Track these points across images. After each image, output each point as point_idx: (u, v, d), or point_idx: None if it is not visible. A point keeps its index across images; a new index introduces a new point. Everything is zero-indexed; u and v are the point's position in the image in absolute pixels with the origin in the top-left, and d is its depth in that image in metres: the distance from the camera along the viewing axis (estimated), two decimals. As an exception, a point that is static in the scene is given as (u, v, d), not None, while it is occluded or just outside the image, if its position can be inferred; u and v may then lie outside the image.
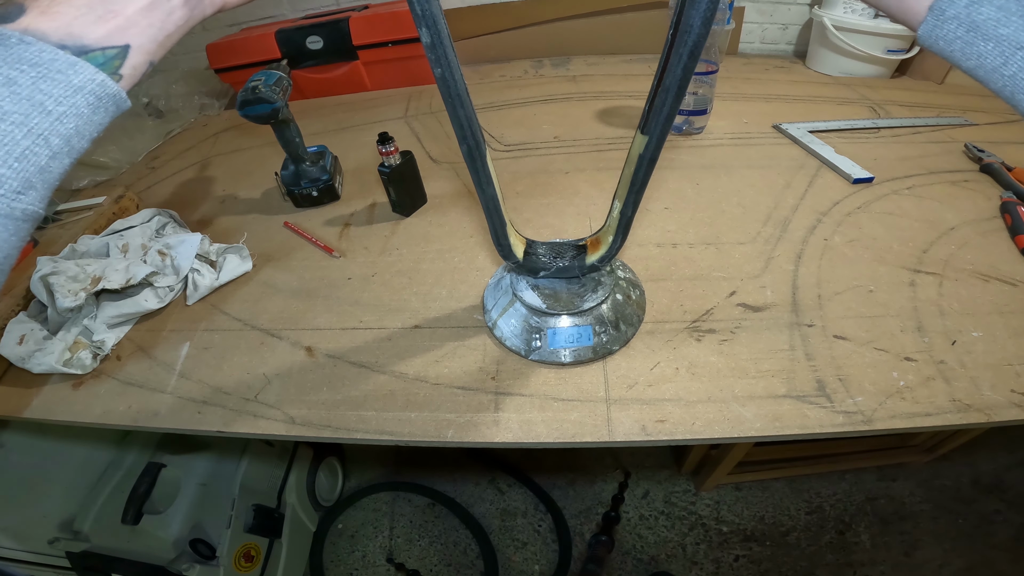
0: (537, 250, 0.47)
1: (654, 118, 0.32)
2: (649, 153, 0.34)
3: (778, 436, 0.40)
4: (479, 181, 0.36)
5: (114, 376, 0.52)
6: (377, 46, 1.04)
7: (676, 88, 0.30)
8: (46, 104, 0.21)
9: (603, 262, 0.45)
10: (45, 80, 0.21)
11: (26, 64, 0.21)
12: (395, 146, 0.61)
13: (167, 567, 0.77)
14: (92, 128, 0.24)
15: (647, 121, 0.34)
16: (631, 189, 0.37)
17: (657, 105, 0.32)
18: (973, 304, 0.48)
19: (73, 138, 0.23)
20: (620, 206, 0.40)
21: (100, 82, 0.23)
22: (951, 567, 1.00)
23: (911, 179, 0.66)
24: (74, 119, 0.22)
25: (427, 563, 1.09)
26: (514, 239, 0.44)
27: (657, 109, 0.32)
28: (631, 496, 1.15)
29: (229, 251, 0.63)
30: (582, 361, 0.46)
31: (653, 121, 0.32)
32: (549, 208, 0.67)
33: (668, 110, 0.31)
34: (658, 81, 0.32)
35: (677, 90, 0.30)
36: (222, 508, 0.88)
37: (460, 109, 0.32)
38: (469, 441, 0.42)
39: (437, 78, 0.31)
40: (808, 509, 1.10)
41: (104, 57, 0.23)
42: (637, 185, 0.36)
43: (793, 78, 1.01)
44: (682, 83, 0.30)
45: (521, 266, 0.46)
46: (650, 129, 0.33)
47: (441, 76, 0.30)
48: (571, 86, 1.03)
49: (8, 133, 0.20)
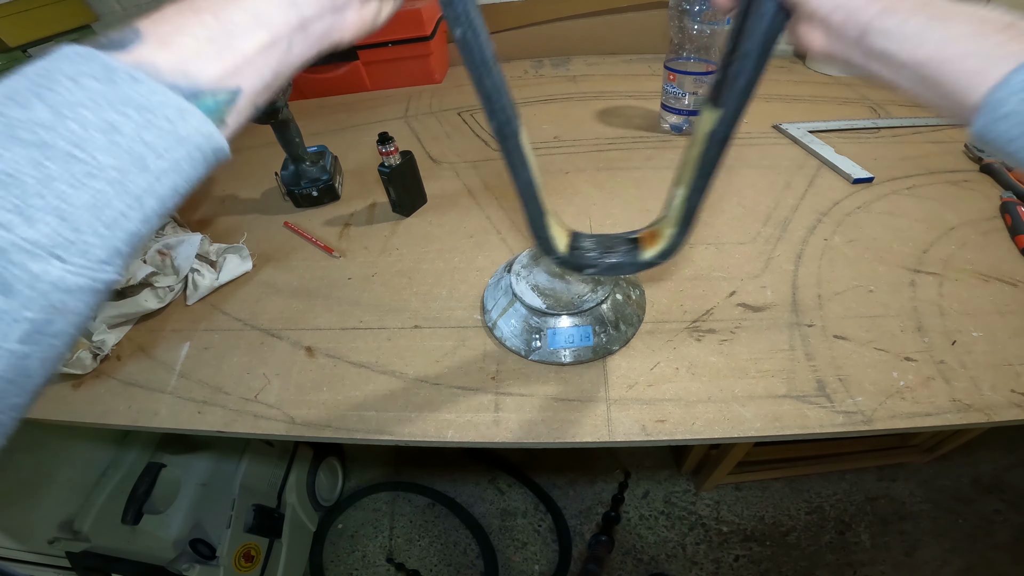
0: (583, 243, 0.40)
1: (728, 87, 0.27)
2: (723, 131, 0.29)
3: (778, 436, 0.40)
4: (512, 163, 0.32)
5: (114, 376, 0.52)
6: (377, 46, 1.04)
7: (761, 43, 0.25)
8: (147, 159, 0.18)
9: (663, 258, 0.38)
10: (150, 129, 0.18)
11: (132, 107, 0.18)
12: (395, 146, 0.61)
13: (167, 567, 0.77)
14: (188, 186, 0.21)
15: (719, 92, 0.29)
16: (700, 173, 0.31)
17: (733, 72, 0.26)
18: (973, 304, 0.48)
19: (168, 199, 0.20)
20: (685, 193, 0.33)
21: (208, 134, 0.20)
22: (951, 567, 1.00)
23: (911, 179, 0.66)
24: (173, 176, 0.19)
25: (427, 563, 1.09)
26: (556, 231, 0.38)
27: (733, 76, 0.26)
28: (631, 496, 1.15)
29: (229, 251, 0.63)
30: (582, 361, 0.46)
31: (728, 92, 0.27)
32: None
33: (749, 77, 0.26)
34: (734, 45, 0.27)
35: (762, 47, 0.25)
36: (222, 508, 0.88)
37: (487, 79, 0.27)
38: (469, 441, 0.42)
39: (457, 40, 0.25)
40: (808, 509, 1.10)
41: (215, 102, 0.20)
42: (707, 168, 0.31)
43: (793, 78, 1.01)
44: (769, 34, 0.25)
45: (565, 262, 0.39)
46: (724, 101, 0.28)
47: (462, 37, 0.25)
48: (571, 86, 1.03)
49: (102, 193, 0.17)
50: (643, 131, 0.84)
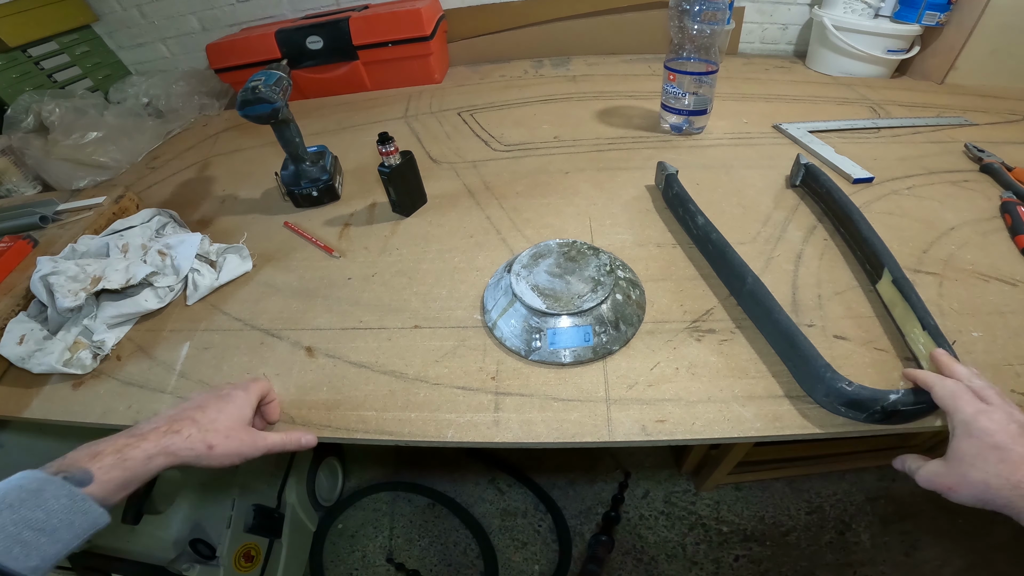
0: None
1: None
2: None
3: (778, 436, 0.40)
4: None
5: (114, 376, 0.52)
6: (377, 46, 1.04)
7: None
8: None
9: None
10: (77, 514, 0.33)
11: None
12: (395, 146, 0.61)
13: (167, 567, 0.77)
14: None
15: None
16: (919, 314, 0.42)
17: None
18: (973, 304, 0.48)
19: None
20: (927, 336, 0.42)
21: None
22: (951, 567, 1.00)
23: (911, 179, 0.66)
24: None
25: (427, 563, 1.09)
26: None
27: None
28: (631, 496, 1.15)
29: (229, 251, 0.63)
30: (582, 361, 0.46)
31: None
32: (549, 208, 0.67)
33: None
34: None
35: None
36: (222, 508, 0.88)
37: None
38: (469, 441, 0.42)
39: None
40: (808, 509, 1.10)
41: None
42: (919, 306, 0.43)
43: (793, 78, 1.01)
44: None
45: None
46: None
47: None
48: (571, 86, 1.03)
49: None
50: (643, 131, 0.84)
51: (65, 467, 0.33)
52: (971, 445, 0.33)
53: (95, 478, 0.33)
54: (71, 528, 0.32)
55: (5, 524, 0.30)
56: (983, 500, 0.33)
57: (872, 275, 0.50)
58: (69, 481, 0.32)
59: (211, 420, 0.39)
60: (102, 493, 0.33)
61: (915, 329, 0.43)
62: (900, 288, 0.45)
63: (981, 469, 0.32)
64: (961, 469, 0.34)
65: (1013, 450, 0.32)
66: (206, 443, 0.37)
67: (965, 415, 0.34)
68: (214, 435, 0.38)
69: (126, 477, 0.34)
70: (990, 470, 0.32)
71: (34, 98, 0.98)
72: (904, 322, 0.44)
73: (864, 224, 0.52)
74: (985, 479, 0.32)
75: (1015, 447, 0.32)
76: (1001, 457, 0.32)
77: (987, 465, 0.32)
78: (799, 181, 0.65)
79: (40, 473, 0.32)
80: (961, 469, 0.34)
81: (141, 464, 0.35)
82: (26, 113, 0.97)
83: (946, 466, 0.35)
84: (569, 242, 0.54)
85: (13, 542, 0.29)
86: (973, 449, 0.33)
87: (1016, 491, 0.31)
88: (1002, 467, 0.31)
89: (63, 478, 0.32)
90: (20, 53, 1.04)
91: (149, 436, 0.36)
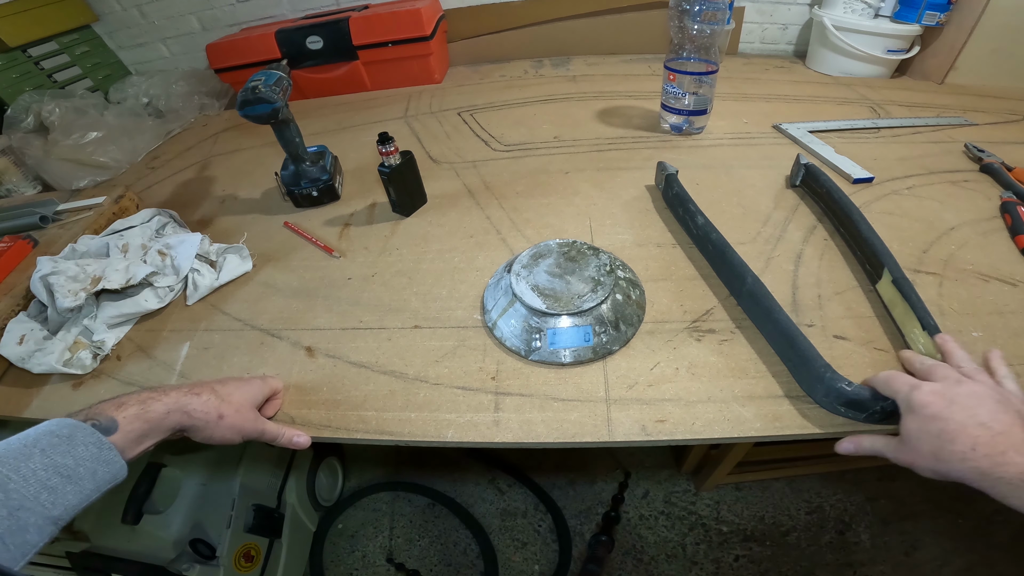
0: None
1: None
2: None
3: (778, 436, 0.40)
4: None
5: (114, 376, 0.52)
6: (377, 46, 1.04)
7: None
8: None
9: None
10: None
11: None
12: (395, 146, 0.61)
13: (167, 567, 0.77)
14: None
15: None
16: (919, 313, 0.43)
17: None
18: (973, 304, 0.48)
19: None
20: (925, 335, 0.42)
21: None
22: (951, 567, 1.00)
23: (911, 179, 0.66)
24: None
25: (427, 563, 1.09)
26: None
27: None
28: (631, 496, 1.15)
29: (229, 251, 0.63)
30: (582, 361, 0.46)
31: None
32: (549, 208, 0.67)
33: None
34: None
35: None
36: (222, 508, 0.88)
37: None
38: (469, 441, 0.42)
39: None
40: (808, 509, 1.10)
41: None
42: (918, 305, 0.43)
43: (793, 78, 1.01)
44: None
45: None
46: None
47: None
48: (571, 86, 1.03)
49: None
50: (643, 131, 0.84)
51: (93, 415, 0.35)
52: (913, 420, 0.34)
53: (120, 427, 0.35)
54: (93, 478, 0.32)
55: (36, 469, 0.30)
56: (941, 473, 0.33)
57: (872, 275, 0.50)
58: (97, 429, 0.33)
59: (228, 392, 0.41)
60: (123, 443, 0.35)
61: (915, 329, 0.43)
62: (900, 288, 0.45)
63: (928, 443, 0.33)
64: (913, 445, 0.34)
65: (949, 419, 0.32)
66: (218, 412, 0.40)
67: (902, 394, 0.35)
68: (227, 406, 0.40)
69: (145, 429, 0.36)
70: (934, 443, 0.32)
71: (34, 98, 0.98)
72: (904, 322, 0.44)
73: (864, 224, 0.52)
74: (933, 452, 0.32)
75: (951, 416, 0.32)
76: (941, 428, 0.32)
77: (931, 438, 0.33)
78: (799, 181, 0.65)
79: (70, 420, 0.34)
80: (913, 445, 0.34)
81: (160, 418, 0.37)
82: (26, 113, 0.97)
83: (900, 443, 0.36)
84: (569, 242, 0.54)
85: (42, 488, 0.30)
86: (916, 424, 0.34)
87: (964, 463, 0.31)
88: (944, 439, 0.32)
89: (92, 425, 0.34)
90: (20, 53, 1.04)
91: (170, 392, 0.39)
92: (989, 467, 0.30)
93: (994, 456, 0.30)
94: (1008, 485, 0.29)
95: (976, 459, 0.30)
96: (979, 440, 0.30)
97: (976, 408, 0.32)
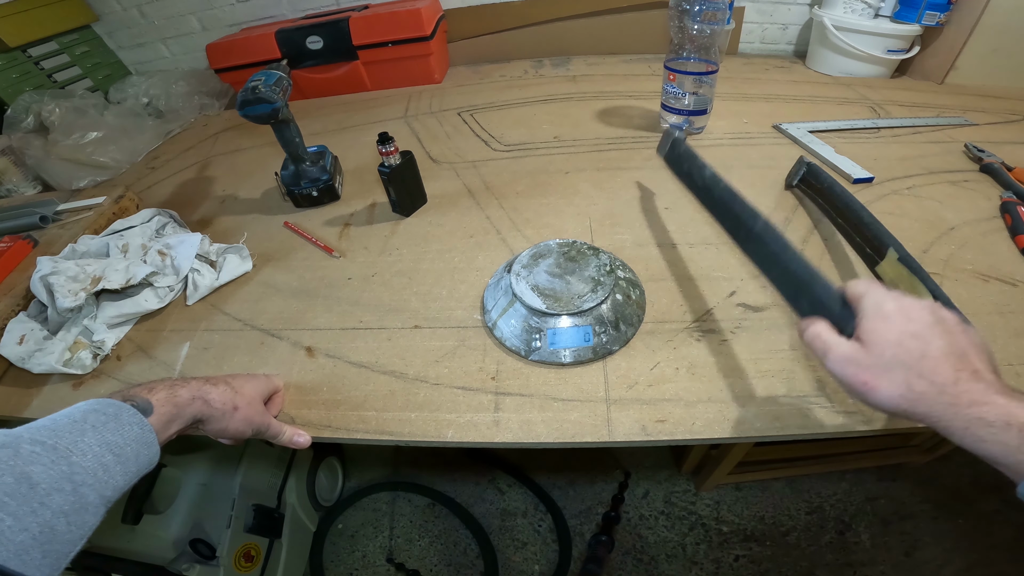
0: None
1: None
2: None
3: (778, 436, 0.40)
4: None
5: (114, 376, 0.52)
6: (377, 46, 1.04)
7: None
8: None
9: None
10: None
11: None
12: (395, 146, 0.61)
13: (167, 567, 0.77)
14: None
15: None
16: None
17: None
18: (973, 304, 0.48)
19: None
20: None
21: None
22: (951, 567, 1.00)
23: (911, 179, 0.66)
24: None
25: (427, 563, 1.09)
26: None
27: None
28: (631, 496, 1.15)
29: (229, 251, 0.63)
30: (582, 361, 0.46)
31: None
32: (549, 208, 0.67)
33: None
34: None
35: None
36: (222, 508, 0.88)
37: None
38: (469, 441, 0.42)
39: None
40: (808, 509, 1.10)
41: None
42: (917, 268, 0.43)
43: (793, 78, 1.01)
44: None
45: None
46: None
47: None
48: (571, 86, 1.03)
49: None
50: (643, 131, 0.84)
51: (129, 396, 0.35)
52: (888, 329, 0.27)
53: (155, 409, 0.35)
54: (136, 460, 0.32)
55: (92, 445, 0.29)
56: (901, 407, 0.27)
57: (872, 259, 0.49)
58: (137, 409, 0.33)
59: (240, 385, 0.42)
60: (157, 426, 0.34)
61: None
62: (908, 264, 0.45)
63: (903, 363, 0.26)
64: (879, 360, 0.27)
65: (932, 343, 0.26)
66: (233, 403, 0.40)
67: (878, 295, 0.29)
68: (241, 399, 0.41)
69: (173, 414, 0.36)
70: (912, 367, 0.26)
71: (34, 98, 0.98)
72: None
73: (865, 212, 0.52)
74: (907, 378, 0.26)
75: (933, 339, 0.26)
76: (922, 351, 0.26)
77: (909, 358, 0.26)
78: (799, 181, 0.65)
79: (111, 399, 0.33)
80: (879, 360, 0.27)
81: (186, 403, 0.37)
82: (26, 113, 0.97)
83: (863, 351, 0.28)
84: (569, 242, 0.54)
85: (98, 464, 0.29)
86: (891, 335, 0.27)
87: (942, 397, 0.25)
88: (924, 364, 0.26)
89: (132, 405, 0.33)
90: (20, 53, 1.04)
91: (191, 382, 0.39)
92: (968, 403, 0.25)
93: (974, 393, 0.25)
94: (989, 428, 0.24)
95: (956, 394, 0.25)
96: (961, 375, 0.26)
97: (959, 337, 0.27)
